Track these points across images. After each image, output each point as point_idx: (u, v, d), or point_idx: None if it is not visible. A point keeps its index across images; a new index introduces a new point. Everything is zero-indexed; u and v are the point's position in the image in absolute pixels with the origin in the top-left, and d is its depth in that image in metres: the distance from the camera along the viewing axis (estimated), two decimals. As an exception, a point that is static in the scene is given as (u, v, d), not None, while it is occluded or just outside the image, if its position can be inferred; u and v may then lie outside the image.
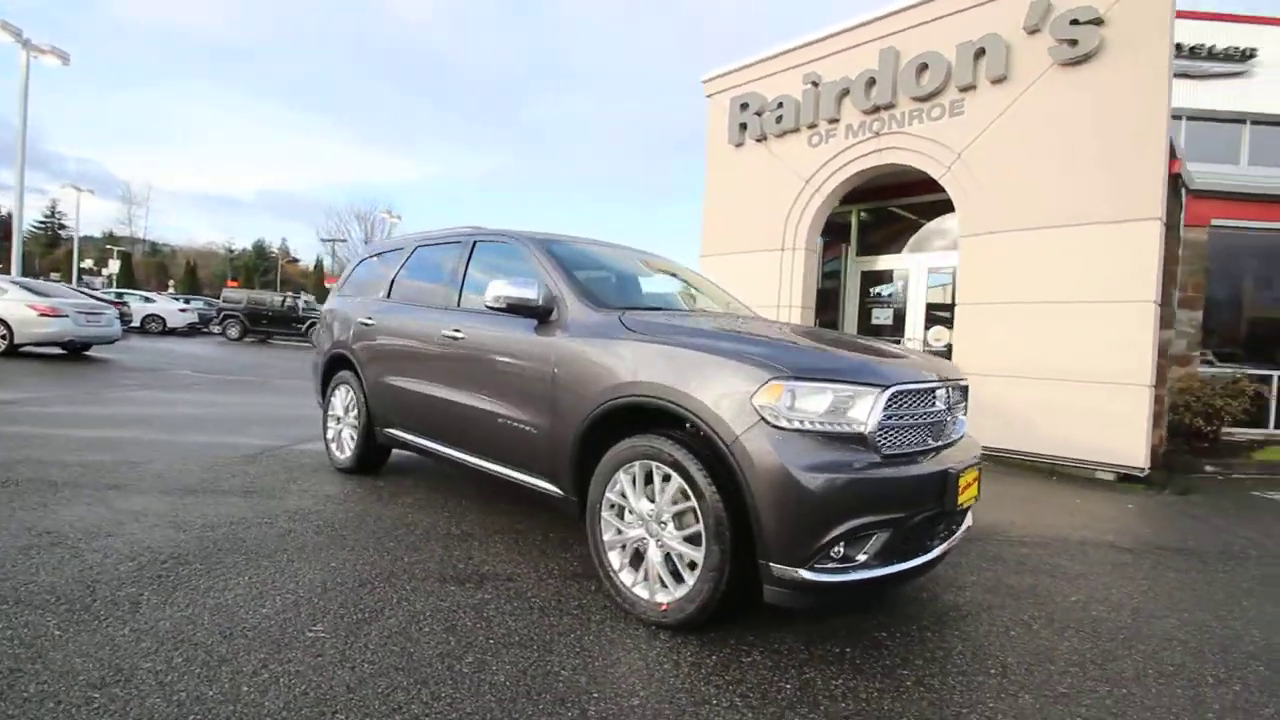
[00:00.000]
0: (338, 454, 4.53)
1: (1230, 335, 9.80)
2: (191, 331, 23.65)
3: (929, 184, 7.48)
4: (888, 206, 8.89)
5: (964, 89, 6.49)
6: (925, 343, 8.05)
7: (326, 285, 52.76)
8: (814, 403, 2.15)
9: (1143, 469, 5.57)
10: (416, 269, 4.21)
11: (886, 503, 2.15)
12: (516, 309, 2.97)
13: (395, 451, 4.55)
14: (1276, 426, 8.54)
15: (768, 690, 2.01)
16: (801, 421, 2.13)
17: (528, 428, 2.94)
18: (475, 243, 3.77)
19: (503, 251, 3.63)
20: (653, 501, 2.45)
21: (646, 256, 4.13)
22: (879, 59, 7.10)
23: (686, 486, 2.30)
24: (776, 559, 2.11)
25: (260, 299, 23.61)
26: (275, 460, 4.70)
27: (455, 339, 3.44)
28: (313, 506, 3.63)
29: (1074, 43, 5.71)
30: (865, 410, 2.18)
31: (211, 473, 4.23)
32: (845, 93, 7.46)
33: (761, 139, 8.39)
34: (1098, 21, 5.60)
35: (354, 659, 2.04)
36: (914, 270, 8.44)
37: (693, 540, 2.30)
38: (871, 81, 7.18)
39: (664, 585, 2.38)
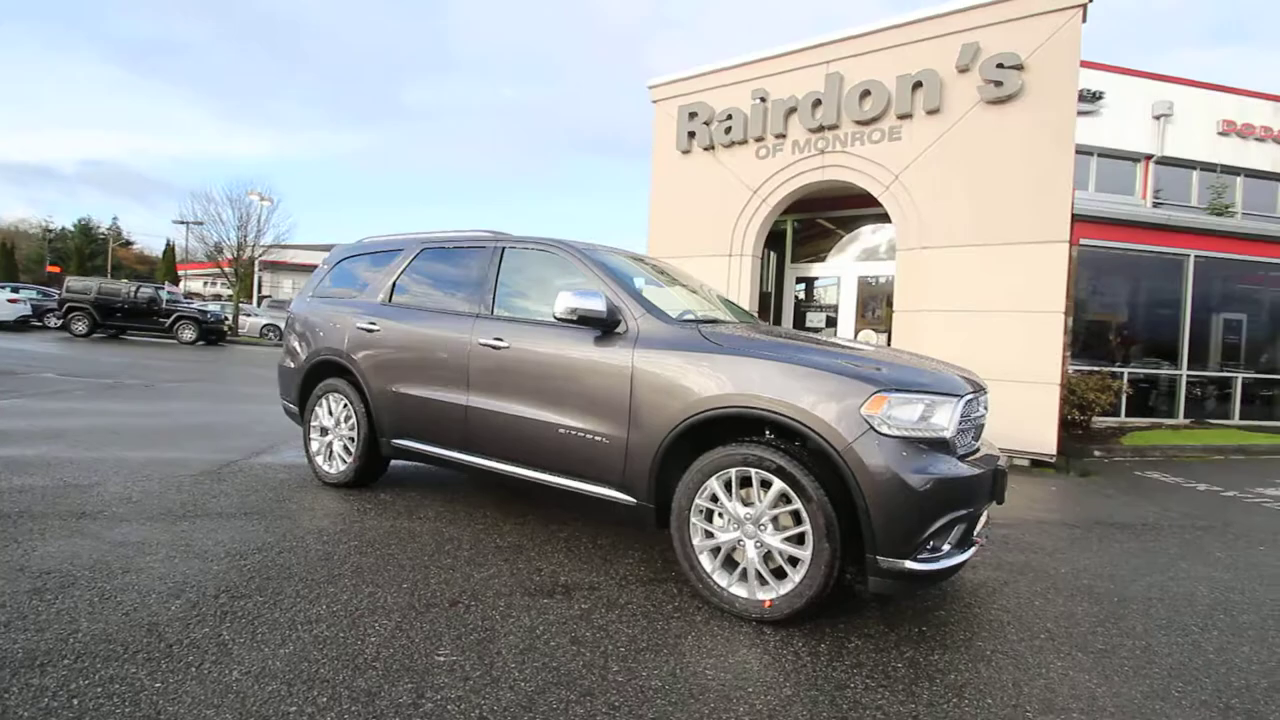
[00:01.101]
0: (326, 467, 4.24)
1: (1087, 339, 11.52)
2: (22, 326, 20.29)
3: (858, 199, 8.18)
4: (816, 217, 9.57)
5: (902, 116, 7.17)
6: (857, 345, 8.78)
7: (179, 273, 47.13)
8: (909, 412, 2.41)
9: (1052, 455, 6.49)
10: (425, 273, 4.04)
11: (967, 498, 2.45)
12: (587, 321, 2.99)
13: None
14: (1125, 415, 10.18)
15: (887, 670, 2.23)
16: (900, 429, 2.38)
17: (598, 438, 2.97)
18: (504, 249, 3.70)
19: (540, 260, 3.60)
20: (747, 505, 2.60)
21: (654, 261, 4.24)
22: (825, 82, 7.64)
23: (790, 490, 2.47)
24: (884, 552, 2.34)
25: (114, 289, 20.70)
26: (243, 477, 4.31)
27: (496, 348, 3.38)
28: (332, 526, 3.40)
29: (999, 84, 6.51)
30: (947, 417, 2.47)
31: (183, 493, 3.82)
32: (792, 110, 7.95)
33: (710, 148, 8.71)
34: (1019, 67, 6.43)
35: (505, 679, 2.02)
36: (845, 277, 9.16)
37: (794, 540, 2.48)
38: (817, 102, 7.72)
39: (764, 583, 2.55)
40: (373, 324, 4.00)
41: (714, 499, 2.68)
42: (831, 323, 9.21)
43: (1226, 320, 11.94)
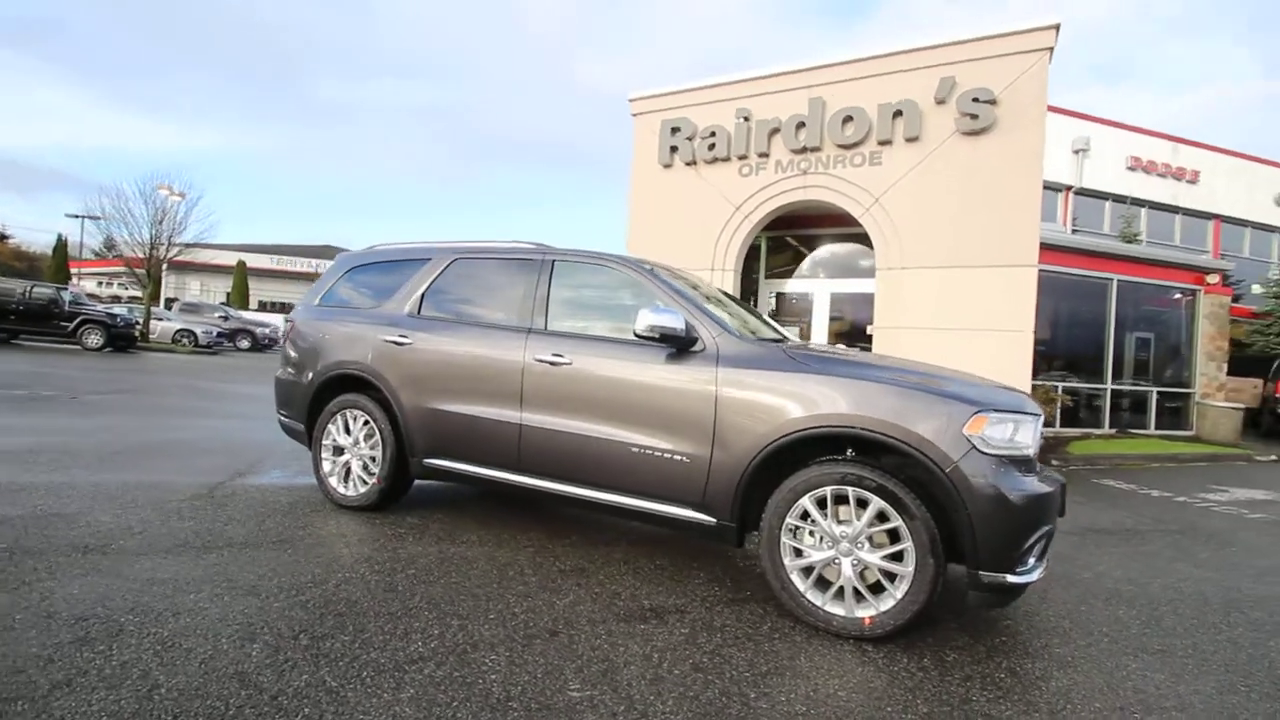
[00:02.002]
0: (342, 489, 3.96)
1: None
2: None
3: (833, 218, 8.52)
4: (791, 235, 9.87)
5: (883, 143, 7.53)
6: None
7: (71, 271, 42.86)
8: (1002, 431, 2.52)
9: (1022, 465, 6.94)
10: (461, 285, 3.87)
11: (1051, 512, 2.59)
12: (666, 339, 2.96)
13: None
14: (1060, 426, 11.03)
15: (995, 681, 2.31)
16: (996, 448, 2.49)
17: (677, 457, 2.94)
18: (554, 262, 3.60)
19: (596, 274, 3.53)
20: (841, 523, 2.64)
21: (685, 275, 4.25)
22: (808, 105, 7.92)
23: (889, 508, 2.53)
24: (987, 567, 2.43)
25: (7, 289, 18.54)
26: (242, 501, 3.97)
27: (555, 364, 3.28)
28: (377, 554, 3.19)
29: (974, 117, 6.96)
30: (1029, 435, 2.60)
31: (187, 521, 3.48)
32: (776, 131, 8.19)
33: (692, 163, 8.83)
34: (992, 101, 6.90)
35: (652, 713, 1.95)
36: (818, 293, 9.49)
37: (892, 557, 2.54)
38: (801, 124, 7.98)
39: (860, 600, 2.59)
40: (403, 337, 3.79)
41: (804, 517, 2.71)
42: (804, 337, 9.49)
43: (1139, 339, 13.19)
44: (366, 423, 3.91)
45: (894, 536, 2.56)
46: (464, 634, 2.38)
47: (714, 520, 2.90)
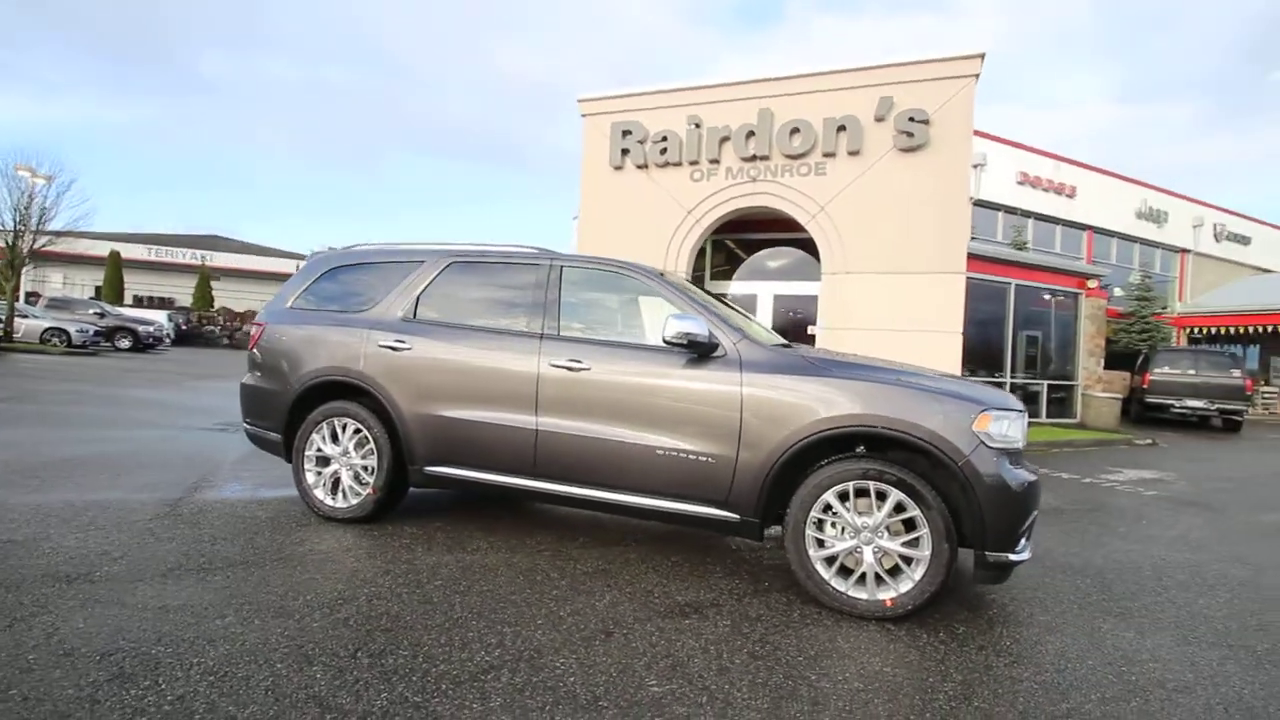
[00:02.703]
0: (329, 501, 3.79)
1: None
2: None
3: (779, 223, 8.93)
4: (736, 238, 10.23)
5: (827, 155, 7.99)
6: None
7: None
8: (1000, 427, 2.83)
9: (954, 454, 7.61)
10: (459, 288, 3.80)
11: (1038, 498, 2.93)
12: (693, 345, 3.07)
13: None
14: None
15: (1006, 649, 2.60)
16: (998, 442, 2.79)
17: (703, 458, 3.06)
18: (561, 268, 3.62)
19: (607, 281, 3.59)
20: (862, 515, 2.86)
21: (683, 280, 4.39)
22: (757, 116, 8.26)
23: (908, 499, 2.78)
24: (992, 548, 2.73)
25: None
26: (216, 518, 3.72)
27: (574, 370, 3.31)
28: (394, 566, 3.10)
29: (910, 135, 7.54)
30: (1019, 430, 2.93)
31: (165, 542, 3.24)
32: (726, 139, 8.48)
33: (643, 166, 8.97)
34: (926, 121, 7.50)
35: (735, 701, 2.06)
36: (762, 294, 9.89)
37: (910, 544, 2.79)
38: (751, 134, 8.31)
39: (882, 584, 2.82)
40: (400, 342, 3.67)
41: (825, 510, 2.91)
42: (749, 337, 9.87)
43: (1029, 336, 14.68)
44: (358, 431, 3.76)
45: (909, 525, 2.81)
46: (522, 640, 2.40)
47: (738, 517, 3.05)
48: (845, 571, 2.91)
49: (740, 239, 10.12)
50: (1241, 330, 21.37)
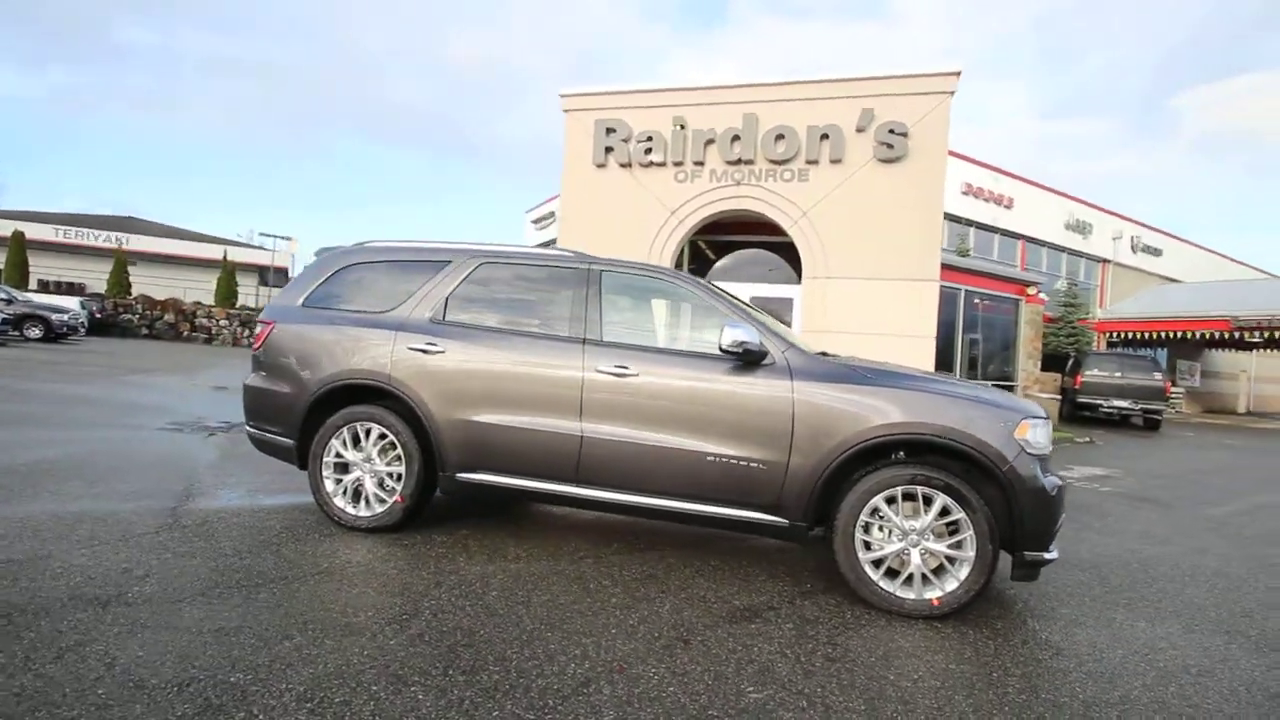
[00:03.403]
0: (351, 510, 3.65)
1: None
2: None
3: (757, 226, 9.12)
4: (709, 240, 10.37)
5: (810, 162, 8.21)
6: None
7: None
8: (1035, 434, 3.02)
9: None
10: (491, 290, 3.72)
11: (1065, 501, 3.14)
12: (748, 353, 3.13)
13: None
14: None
15: (1044, 642, 2.79)
16: (1034, 449, 2.98)
17: (754, 464, 3.13)
18: (600, 272, 3.60)
19: (648, 286, 3.61)
20: (909, 519, 3.00)
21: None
22: (742, 121, 8.40)
23: (953, 503, 2.93)
24: (1031, 548, 2.92)
25: None
26: (228, 529, 3.54)
27: (620, 376, 3.31)
28: (445, 579, 3.03)
29: (890, 146, 7.84)
30: (1048, 437, 3.14)
31: (189, 558, 3.06)
32: (711, 141, 8.58)
33: (627, 165, 8.96)
34: (905, 134, 7.82)
35: (833, 706, 2.14)
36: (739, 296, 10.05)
37: (954, 545, 2.95)
38: (736, 138, 8.44)
39: (928, 584, 2.97)
40: (432, 344, 3.57)
41: (873, 514, 3.03)
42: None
43: (972, 339, 15.55)
44: (383, 436, 3.63)
45: (953, 528, 2.96)
46: (605, 651, 2.40)
47: (787, 521, 3.13)
48: (891, 573, 3.04)
49: (717, 240, 10.26)
50: (1153, 335, 23.30)
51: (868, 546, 3.04)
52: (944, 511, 2.96)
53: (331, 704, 1.93)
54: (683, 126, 8.65)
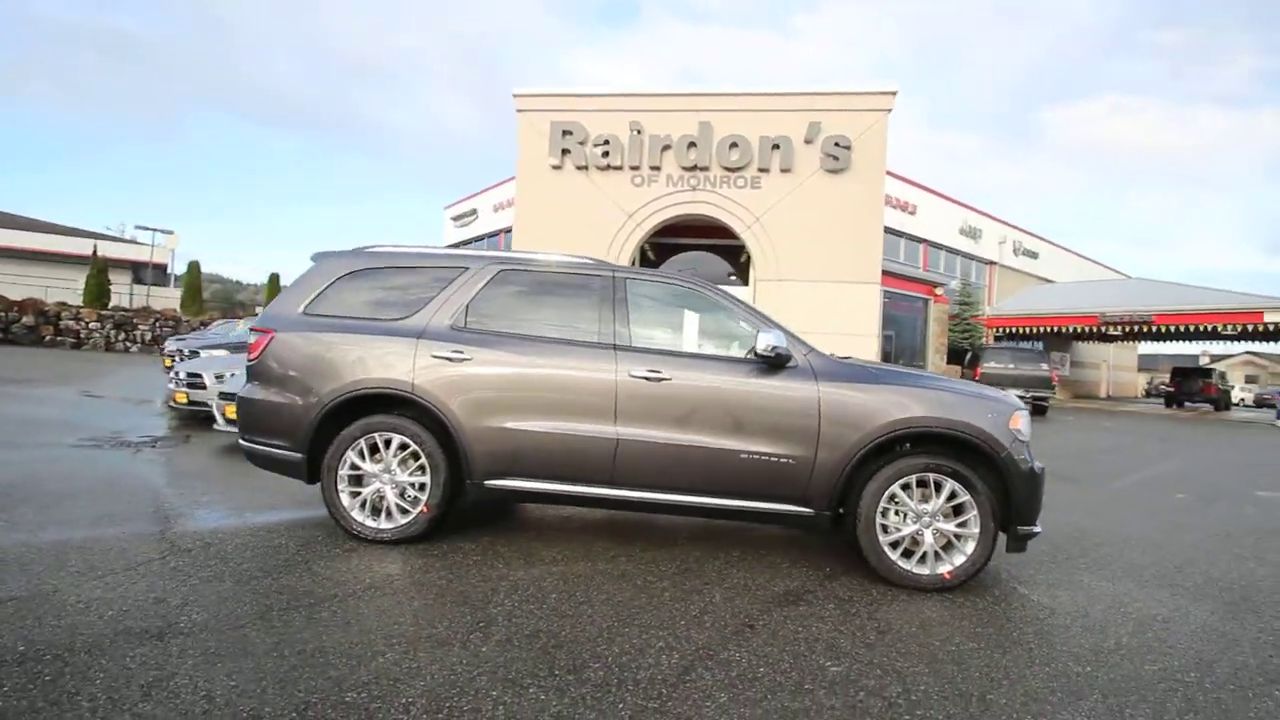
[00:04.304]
0: (371, 523, 3.57)
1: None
2: None
3: (709, 229, 9.48)
4: (661, 243, 10.62)
5: (763, 170, 8.63)
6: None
7: None
8: (1022, 423, 3.45)
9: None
10: (512, 297, 3.75)
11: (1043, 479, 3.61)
12: (778, 357, 3.36)
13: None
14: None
15: (1035, 603, 3.22)
16: (1023, 436, 3.41)
17: (784, 460, 3.36)
18: (625, 280, 3.72)
19: (672, 294, 3.76)
20: (922, 503, 3.35)
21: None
22: (698, 128, 8.69)
23: (960, 487, 3.30)
24: (1022, 523, 3.34)
25: None
26: (239, 549, 3.39)
27: (655, 380, 3.45)
28: (499, 585, 3.06)
29: (835, 158, 8.40)
30: (1029, 425, 3.59)
31: (216, 583, 2.92)
32: (667, 147, 8.81)
33: (584, 168, 9.03)
34: (849, 147, 8.40)
35: (896, 672, 2.40)
36: (689, 298, 10.37)
37: (961, 525, 3.32)
38: (692, 144, 8.73)
39: (939, 560, 3.32)
40: (458, 352, 3.55)
41: (890, 500, 3.36)
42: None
43: (887, 335, 16.81)
44: (404, 446, 3.57)
45: (958, 509, 3.33)
46: (686, 641, 2.55)
47: (813, 511, 3.40)
48: (906, 554, 3.37)
49: (665, 243, 10.52)
50: (1033, 330, 26.04)
51: (884, 530, 3.36)
52: (950, 495, 3.33)
53: (461, 712, 1.96)
54: (639, 131, 8.83)
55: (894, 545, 3.35)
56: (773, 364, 3.44)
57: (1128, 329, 24.52)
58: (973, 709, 2.15)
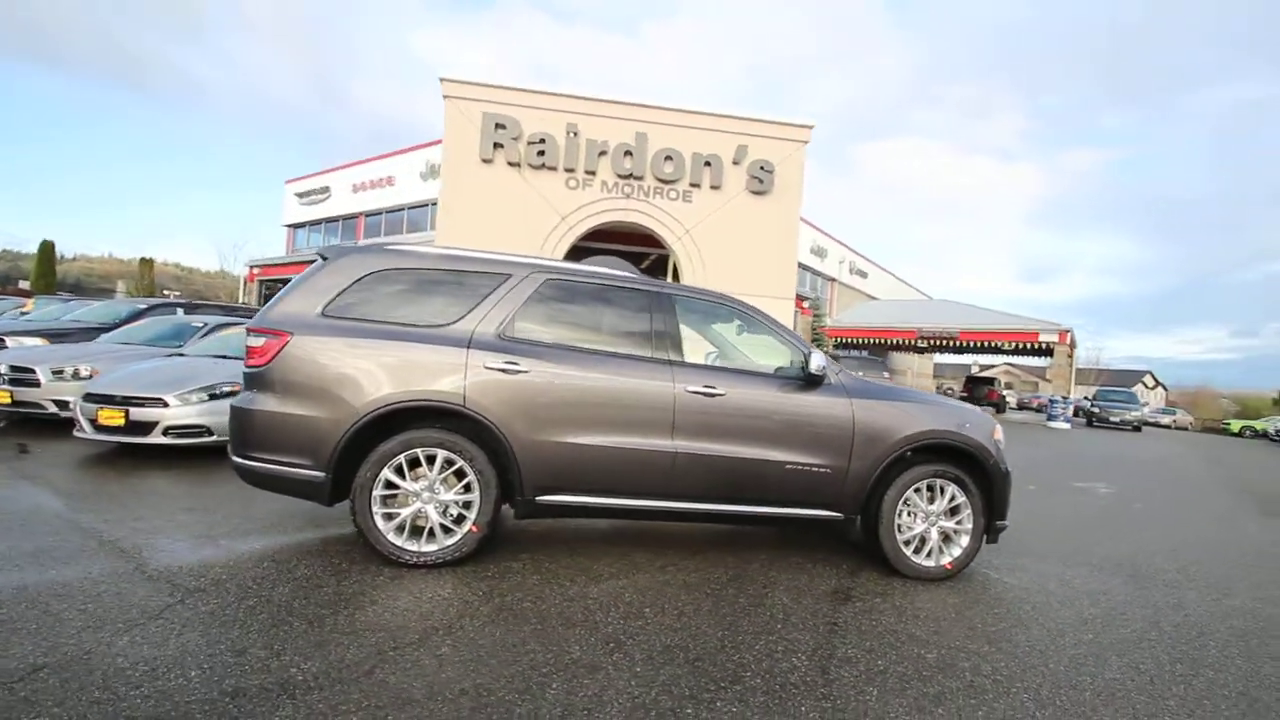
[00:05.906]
0: (410, 545, 3.32)
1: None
2: None
3: (638, 238, 9.72)
4: (594, 247, 10.61)
5: (694, 185, 9.04)
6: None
7: None
8: (1000, 434, 4.13)
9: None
10: (559, 307, 3.67)
11: (1004, 480, 4.34)
12: (822, 375, 3.68)
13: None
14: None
15: (1014, 585, 3.90)
16: (1002, 444, 4.09)
17: (823, 469, 3.70)
18: (674, 297, 3.82)
19: (715, 313, 3.94)
20: (929, 504, 3.88)
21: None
22: (635, 138, 8.86)
23: (958, 489, 3.88)
24: (1000, 517, 4.01)
25: None
26: (266, 588, 3.01)
27: (710, 395, 3.60)
28: (585, 603, 3.04)
29: (760, 180, 9.05)
30: (1003, 435, 4.29)
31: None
32: (604, 153, 8.87)
33: (516, 165, 8.77)
34: (771, 171, 9.09)
35: (977, 638, 2.83)
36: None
37: (958, 522, 3.91)
38: (628, 152, 8.88)
39: (943, 552, 3.88)
40: (513, 364, 3.42)
41: (904, 503, 3.85)
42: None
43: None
44: (449, 462, 3.36)
45: (954, 509, 3.92)
46: (788, 642, 2.77)
47: (842, 515, 3.79)
48: (915, 549, 3.89)
49: (591, 248, 10.55)
50: (864, 341, 29.68)
51: (899, 529, 3.85)
52: (950, 497, 3.90)
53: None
54: (575, 134, 8.79)
55: (907, 543, 3.85)
56: (813, 381, 3.77)
57: (937, 343, 28.95)
58: (1049, 683, 2.63)
